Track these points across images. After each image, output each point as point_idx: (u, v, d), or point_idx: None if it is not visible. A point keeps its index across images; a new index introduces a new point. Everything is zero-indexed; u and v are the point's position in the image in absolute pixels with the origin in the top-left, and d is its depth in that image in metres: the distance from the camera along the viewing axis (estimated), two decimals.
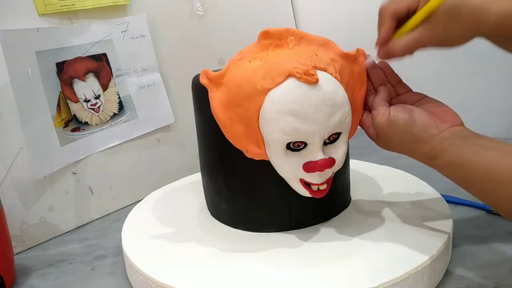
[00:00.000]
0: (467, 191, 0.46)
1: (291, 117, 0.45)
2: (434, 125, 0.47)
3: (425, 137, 0.47)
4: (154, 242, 0.55)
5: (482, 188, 0.44)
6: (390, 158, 0.86)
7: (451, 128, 0.46)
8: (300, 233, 0.53)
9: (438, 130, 0.46)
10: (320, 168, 0.47)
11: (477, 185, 0.44)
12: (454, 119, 0.48)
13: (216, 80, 0.49)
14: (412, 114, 0.48)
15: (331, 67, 0.48)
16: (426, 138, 0.47)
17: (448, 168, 0.46)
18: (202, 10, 0.88)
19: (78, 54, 0.70)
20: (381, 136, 0.50)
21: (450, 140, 0.45)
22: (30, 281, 0.56)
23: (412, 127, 0.47)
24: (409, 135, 0.47)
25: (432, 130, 0.46)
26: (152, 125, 0.80)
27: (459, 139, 0.45)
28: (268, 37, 0.50)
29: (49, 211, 0.67)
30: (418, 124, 0.47)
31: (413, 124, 0.47)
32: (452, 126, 0.47)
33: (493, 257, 0.52)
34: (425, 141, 0.47)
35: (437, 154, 0.46)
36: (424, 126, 0.47)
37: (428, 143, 0.46)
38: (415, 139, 0.47)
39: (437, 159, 0.46)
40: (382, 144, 0.51)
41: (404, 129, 0.48)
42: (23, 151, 0.63)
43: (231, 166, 0.54)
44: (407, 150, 0.49)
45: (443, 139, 0.46)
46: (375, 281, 0.43)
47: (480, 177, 0.43)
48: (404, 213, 0.56)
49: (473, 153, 0.44)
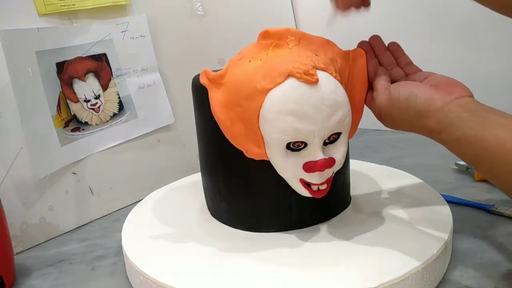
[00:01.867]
0: (476, 169, 0.44)
1: (291, 117, 0.45)
2: (438, 98, 0.45)
3: (429, 110, 0.45)
4: (154, 242, 0.55)
5: (491, 169, 0.42)
6: (390, 158, 0.86)
7: (457, 99, 0.44)
8: (300, 233, 0.53)
9: (444, 102, 0.44)
10: (320, 168, 0.47)
11: (486, 165, 0.42)
12: (461, 90, 0.45)
13: (216, 80, 0.49)
14: (412, 89, 0.46)
15: (331, 67, 0.48)
16: (430, 111, 0.44)
17: (455, 144, 0.44)
18: (202, 10, 0.88)
19: (78, 54, 0.70)
20: (384, 115, 0.49)
21: (457, 114, 0.43)
22: (30, 281, 0.56)
23: (414, 102, 0.45)
24: (412, 111, 0.46)
25: (436, 103, 0.44)
26: (152, 125, 0.80)
27: (467, 113, 0.43)
28: (268, 37, 0.50)
29: (49, 211, 0.67)
30: (420, 98, 0.45)
31: (415, 99, 0.46)
32: (458, 98, 0.44)
33: (493, 257, 0.52)
34: (429, 115, 0.45)
35: (444, 129, 0.44)
36: (427, 100, 0.45)
37: (433, 116, 0.44)
38: (419, 114, 0.45)
39: (443, 134, 0.44)
40: (388, 124, 0.50)
41: (406, 106, 0.46)
42: (23, 151, 0.63)
43: (231, 166, 0.54)
44: (412, 127, 0.48)
45: (449, 112, 0.43)
46: (375, 281, 0.43)
47: (489, 156, 0.41)
48: (404, 213, 0.56)
49: (482, 130, 0.41)
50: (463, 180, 0.74)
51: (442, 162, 0.81)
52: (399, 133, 1.00)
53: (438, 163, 0.81)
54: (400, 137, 0.98)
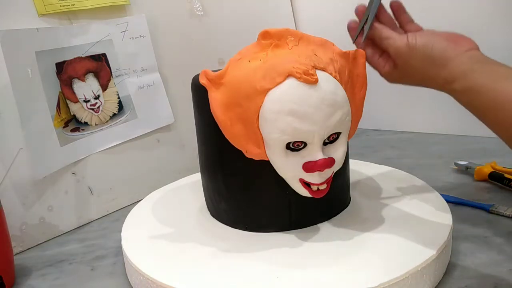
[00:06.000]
0: (480, 120, 0.46)
1: (291, 117, 0.45)
2: (451, 48, 0.47)
3: (444, 59, 0.47)
4: (154, 242, 0.55)
5: (496, 117, 0.44)
6: (390, 158, 0.86)
7: (468, 51, 0.46)
8: (300, 233, 0.53)
9: (455, 52, 0.46)
10: (319, 168, 0.47)
11: (492, 113, 0.44)
12: (470, 43, 0.48)
13: (216, 80, 0.49)
14: (429, 37, 0.48)
15: (331, 67, 0.48)
16: (445, 61, 0.46)
17: (465, 93, 0.46)
18: (201, 10, 0.88)
19: (78, 54, 0.70)
20: (400, 64, 0.50)
21: (469, 65, 0.45)
22: (30, 281, 0.56)
23: (430, 50, 0.47)
24: (428, 59, 0.47)
25: (449, 53, 0.46)
26: (152, 125, 0.80)
27: (478, 64, 0.45)
28: (267, 37, 0.50)
29: (48, 211, 0.67)
30: (436, 46, 0.47)
31: (431, 47, 0.47)
32: (469, 50, 0.46)
33: (493, 257, 0.52)
34: (443, 64, 0.47)
35: (456, 79, 0.46)
36: (442, 49, 0.47)
37: (446, 66, 0.46)
38: (434, 63, 0.47)
39: (454, 84, 0.46)
40: (399, 76, 0.51)
41: (423, 53, 0.48)
42: (22, 151, 0.63)
43: (231, 166, 0.54)
44: (424, 78, 0.49)
45: (461, 63, 0.46)
46: (375, 281, 0.43)
47: (496, 106, 0.43)
48: (404, 213, 0.56)
49: (492, 81, 0.44)
50: (463, 180, 0.74)
51: (442, 162, 0.81)
52: (399, 133, 1.01)
53: (438, 163, 0.81)
54: (400, 137, 0.99)
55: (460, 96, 0.47)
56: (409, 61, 0.49)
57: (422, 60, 0.48)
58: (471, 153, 0.82)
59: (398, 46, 0.49)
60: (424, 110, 0.98)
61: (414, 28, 0.53)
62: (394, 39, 0.50)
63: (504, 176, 0.68)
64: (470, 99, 0.46)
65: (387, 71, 0.53)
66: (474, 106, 0.46)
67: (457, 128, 0.93)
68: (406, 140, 0.96)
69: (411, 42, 0.48)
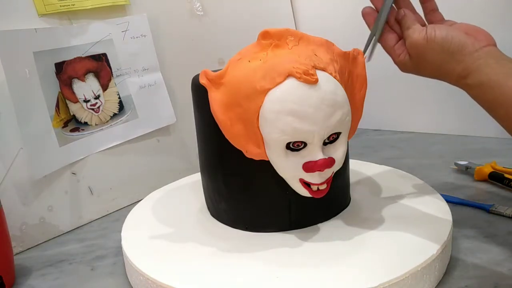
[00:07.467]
0: (490, 115, 0.46)
1: (291, 117, 0.45)
2: (470, 43, 0.47)
3: (461, 54, 0.47)
4: (154, 242, 0.55)
5: (507, 113, 0.44)
6: (390, 158, 0.86)
7: (485, 47, 0.47)
8: (300, 233, 0.53)
9: (474, 48, 0.47)
10: (320, 168, 0.47)
11: (503, 108, 0.44)
12: (488, 38, 0.48)
13: (216, 80, 0.49)
14: (449, 31, 0.48)
15: (331, 67, 0.48)
16: (462, 55, 0.47)
17: (477, 88, 0.46)
18: (201, 10, 0.88)
19: (78, 54, 0.70)
20: (415, 56, 0.50)
21: (484, 60, 0.46)
22: (30, 281, 0.56)
23: (449, 44, 0.47)
24: (445, 54, 0.48)
25: (468, 48, 0.47)
26: (153, 125, 0.80)
27: (493, 60, 0.46)
28: (267, 37, 0.50)
29: (48, 211, 0.67)
30: (455, 41, 0.47)
31: (450, 41, 0.47)
32: (486, 46, 0.47)
33: (493, 257, 0.52)
34: (460, 59, 0.47)
35: (470, 73, 0.46)
36: (461, 43, 0.47)
37: (463, 61, 0.47)
38: (451, 57, 0.47)
39: (468, 78, 0.46)
40: (413, 67, 0.51)
41: (441, 47, 0.48)
42: (22, 151, 0.63)
43: (231, 166, 0.54)
44: (439, 71, 0.49)
45: (477, 58, 0.46)
46: (375, 281, 0.43)
47: (508, 101, 0.44)
48: (404, 213, 0.56)
49: (506, 76, 0.44)
50: (463, 180, 0.74)
51: (442, 162, 0.81)
52: (399, 133, 1.01)
53: (438, 163, 0.81)
54: (400, 137, 0.99)
55: (472, 90, 0.47)
56: (425, 53, 0.49)
57: (439, 54, 0.48)
58: (471, 153, 0.82)
59: (416, 38, 0.49)
60: (424, 110, 0.98)
61: (436, 19, 0.53)
62: (414, 30, 0.50)
63: (504, 176, 0.69)
64: (482, 93, 0.46)
65: (401, 60, 0.52)
66: (486, 100, 0.46)
67: (457, 128, 0.93)
68: (406, 140, 0.96)
69: (429, 36, 0.48)
